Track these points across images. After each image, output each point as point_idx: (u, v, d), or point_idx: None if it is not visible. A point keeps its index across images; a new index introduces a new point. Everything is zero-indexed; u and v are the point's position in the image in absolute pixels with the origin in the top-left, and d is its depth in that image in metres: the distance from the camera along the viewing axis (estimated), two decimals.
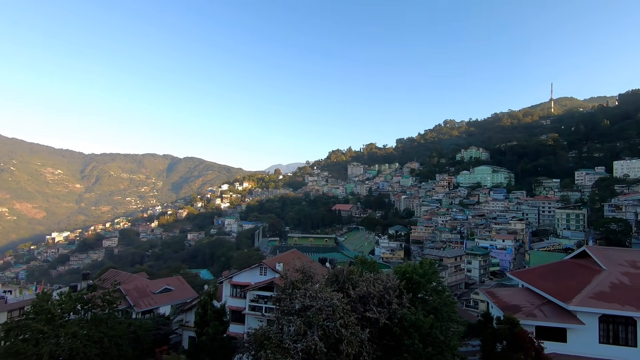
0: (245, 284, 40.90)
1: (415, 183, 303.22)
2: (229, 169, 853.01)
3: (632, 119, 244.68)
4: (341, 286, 24.70)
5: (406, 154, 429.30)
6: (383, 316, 22.10)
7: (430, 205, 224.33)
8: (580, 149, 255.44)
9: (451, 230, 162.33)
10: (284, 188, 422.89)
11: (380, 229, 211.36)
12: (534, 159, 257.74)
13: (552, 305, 27.32)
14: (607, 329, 25.34)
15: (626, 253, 33.90)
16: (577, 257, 34.62)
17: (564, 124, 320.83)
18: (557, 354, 24.52)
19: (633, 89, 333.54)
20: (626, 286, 26.80)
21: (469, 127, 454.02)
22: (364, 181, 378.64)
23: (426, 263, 28.61)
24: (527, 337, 21.31)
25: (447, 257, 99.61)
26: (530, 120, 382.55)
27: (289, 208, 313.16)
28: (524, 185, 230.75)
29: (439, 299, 25.86)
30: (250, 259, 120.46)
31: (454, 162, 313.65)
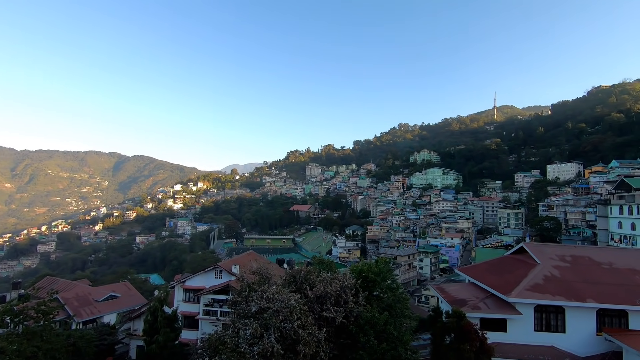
0: (200, 287, 39.45)
1: (372, 184, 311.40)
2: (182, 168, 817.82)
3: (562, 127, 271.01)
4: (299, 287, 24.69)
5: (363, 155, 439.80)
6: (340, 315, 22.42)
7: (386, 205, 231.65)
8: (519, 153, 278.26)
9: (405, 230, 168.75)
10: (241, 188, 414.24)
11: (337, 229, 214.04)
12: (480, 162, 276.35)
13: (495, 298, 29.43)
14: (541, 317, 27.81)
15: (557, 248, 37.44)
16: (516, 252, 37.65)
17: (505, 130, 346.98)
18: (499, 343, 26.44)
19: (563, 100, 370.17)
20: (557, 278, 29.61)
21: (422, 130, 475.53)
22: (322, 182, 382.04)
23: (381, 262, 29.47)
24: (473, 329, 22.72)
25: (401, 255, 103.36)
26: (476, 126, 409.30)
27: (246, 209, 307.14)
28: (470, 186, 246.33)
29: (393, 296, 26.74)
30: (205, 262, 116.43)
31: (407, 164, 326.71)
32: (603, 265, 31.52)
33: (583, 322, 27.24)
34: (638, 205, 63.15)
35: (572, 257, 32.83)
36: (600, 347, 26.69)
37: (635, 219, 63.54)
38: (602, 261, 32.15)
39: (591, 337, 27.00)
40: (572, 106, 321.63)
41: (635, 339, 24.66)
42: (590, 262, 32.01)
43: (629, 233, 65.20)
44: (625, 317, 26.90)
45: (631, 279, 29.50)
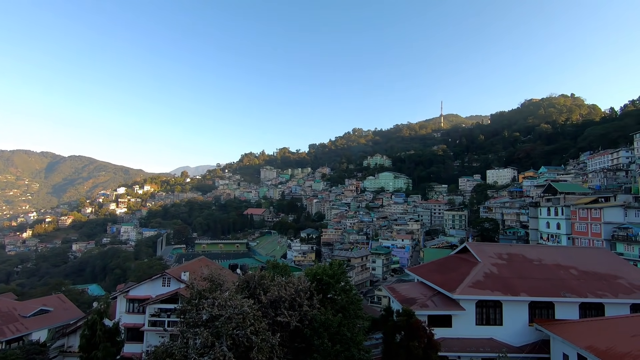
0: (145, 297, 37.14)
1: (326, 187, 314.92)
2: (127, 170, 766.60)
3: (499, 136, 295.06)
4: (252, 292, 24.20)
5: (318, 159, 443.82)
6: (294, 319, 22.30)
7: (340, 208, 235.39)
8: (463, 159, 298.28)
9: (358, 232, 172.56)
10: (192, 192, 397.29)
11: (292, 232, 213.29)
12: (428, 166, 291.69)
13: (441, 296, 31.11)
14: (481, 312, 29.88)
15: (495, 247, 40.54)
16: (460, 252, 40.15)
17: (450, 137, 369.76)
18: (445, 338, 27.97)
19: (500, 111, 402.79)
20: (495, 275, 32.04)
21: (375, 136, 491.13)
22: (277, 185, 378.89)
23: (335, 264, 29.82)
24: (421, 326, 23.79)
25: (354, 257, 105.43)
26: (425, 133, 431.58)
27: (197, 213, 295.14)
28: (419, 189, 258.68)
29: (347, 298, 27.17)
30: (152, 270, 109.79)
31: (361, 168, 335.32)
32: (534, 262, 34.71)
33: (517, 314, 29.73)
34: (562, 207, 70.49)
35: (508, 255, 35.74)
36: (532, 336, 29.31)
37: (560, 219, 70.82)
38: (533, 258, 35.39)
39: (524, 327, 29.55)
40: (508, 116, 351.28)
41: (560, 327, 27.38)
42: (523, 259, 35.07)
43: (555, 232, 72.49)
44: (552, 308, 29.81)
45: (557, 274, 32.80)
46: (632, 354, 21.11)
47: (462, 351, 27.63)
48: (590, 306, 29.72)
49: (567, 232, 68.27)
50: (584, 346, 23.73)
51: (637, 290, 30.48)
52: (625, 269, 34.74)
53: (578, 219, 65.22)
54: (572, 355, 25.16)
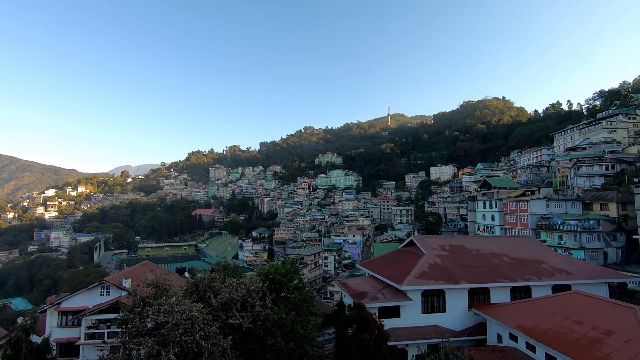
0: (81, 308, 34.15)
1: (278, 186, 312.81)
2: (57, 170, 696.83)
3: (441, 135, 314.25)
4: (202, 296, 23.31)
5: (270, 157, 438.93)
6: (246, 320, 21.89)
7: (292, 206, 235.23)
8: (409, 156, 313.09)
9: (311, 230, 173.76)
10: (134, 192, 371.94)
11: (244, 232, 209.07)
12: (377, 164, 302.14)
13: (390, 288, 32.45)
14: (427, 301, 31.69)
15: (438, 239, 43.14)
16: (407, 245, 42.16)
17: (397, 136, 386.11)
18: (394, 328, 29.22)
19: (442, 111, 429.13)
20: (439, 265, 34.13)
21: (326, 134, 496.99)
22: (227, 184, 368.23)
23: (288, 262, 29.77)
24: (372, 319, 24.61)
25: (307, 255, 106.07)
26: (374, 131, 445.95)
27: (140, 215, 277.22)
28: (369, 186, 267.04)
29: (300, 296, 27.26)
30: (88, 278, 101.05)
31: (313, 166, 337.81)
32: (472, 252, 37.54)
33: (458, 301, 31.98)
34: (496, 200, 77.06)
35: (450, 246, 38.27)
36: (471, 320, 31.72)
37: (494, 211, 77.35)
38: (471, 248, 38.26)
39: (464, 313, 31.89)
40: (449, 117, 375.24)
41: (494, 310, 29.95)
42: (463, 250, 37.78)
43: (490, 224, 79.04)
44: (488, 293, 32.49)
45: (492, 261, 35.81)
46: (553, 329, 23.76)
47: (410, 339, 29.08)
48: (519, 289, 32.87)
49: (500, 223, 74.75)
50: (515, 326, 26.22)
51: (557, 273, 34.33)
52: (547, 254, 38.92)
53: (509, 211, 71.69)
54: (505, 334, 27.68)
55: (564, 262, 37.40)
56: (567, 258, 41.54)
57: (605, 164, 78.19)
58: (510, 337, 27.11)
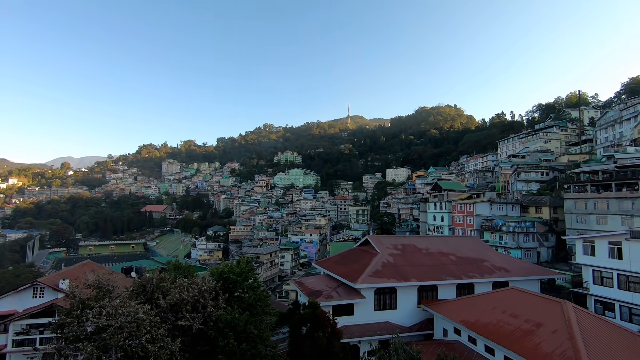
0: (9, 312, 31.02)
1: (236, 183, 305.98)
2: None
3: (398, 138, 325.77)
4: (150, 297, 22.16)
5: (227, 153, 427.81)
6: (197, 321, 21.16)
7: (250, 204, 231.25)
8: (367, 158, 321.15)
9: (268, 228, 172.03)
10: (76, 186, 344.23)
11: (198, 230, 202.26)
12: (336, 164, 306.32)
13: (345, 286, 33.05)
14: (379, 298, 32.70)
15: (392, 239, 44.74)
16: (362, 244, 43.20)
17: (356, 137, 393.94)
18: (347, 326, 29.81)
19: (399, 115, 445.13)
20: (391, 264, 35.37)
21: (286, 132, 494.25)
22: (180, 180, 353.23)
23: (243, 261, 29.21)
24: (326, 317, 24.90)
25: (263, 253, 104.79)
26: (333, 132, 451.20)
27: (82, 211, 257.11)
28: (327, 186, 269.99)
29: (255, 295, 26.85)
30: (19, 279, 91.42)
31: (271, 164, 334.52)
32: (422, 251, 39.36)
33: (409, 298, 33.38)
34: (445, 202, 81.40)
35: (402, 245, 39.81)
36: (420, 316, 33.26)
37: (443, 213, 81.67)
38: (422, 247, 40.10)
39: (414, 309, 33.35)
40: (405, 121, 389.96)
41: (441, 306, 31.65)
42: (414, 249, 39.48)
43: (439, 224, 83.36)
44: (436, 290, 34.25)
45: (440, 260, 37.80)
46: (492, 323, 25.63)
47: (362, 336, 29.85)
48: (464, 286, 35.05)
49: (448, 224, 79.10)
50: (459, 320, 27.90)
51: (497, 271, 37.07)
52: (489, 253, 41.88)
53: (457, 212, 76.10)
54: (450, 329, 29.35)
55: (503, 260, 40.49)
56: (506, 257, 45.01)
57: (541, 171, 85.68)
58: (454, 331, 28.80)
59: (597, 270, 35.19)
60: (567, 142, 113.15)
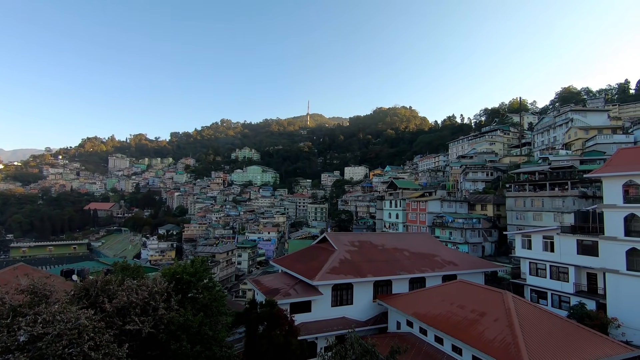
0: None
1: (190, 180, 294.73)
2: None
3: (356, 137, 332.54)
4: (93, 301, 20.66)
5: (181, 149, 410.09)
6: (147, 325, 20.08)
7: (205, 202, 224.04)
8: (326, 156, 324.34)
9: (224, 227, 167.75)
10: (7, 182, 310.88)
11: (149, 229, 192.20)
12: (295, 162, 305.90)
13: (303, 284, 33.16)
14: (336, 295, 33.23)
15: (349, 236, 45.62)
16: (320, 242, 43.54)
17: (315, 135, 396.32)
18: (304, 323, 29.96)
19: (357, 115, 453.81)
20: (348, 260, 36.06)
21: (244, 128, 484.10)
22: (130, 176, 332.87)
23: (198, 261, 28.19)
24: (283, 315, 24.84)
25: (219, 252, 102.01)
26: (293, 129, 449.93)
27: (14, 208, 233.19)
28: (286, 184, 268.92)
29: (210, 295, 26.04)
30: None
31: (229, 161, 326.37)
32: (378, 247, 40.57)
33: (365, 293, 34.28)
34: (400, 200, 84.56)
35: (359, 242, 40.75)
36: (375, 310, 34.29)
37: (398, 210, 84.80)
38: (377, 244, 41.32)
39: (369, 304, 34.32)
40: (363, 121, 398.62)
41: (394, 300, 32.86)
42: (371, 245, 40.58)
43: (394, 221, 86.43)
44: (390, 285, 35.50)
45: (394, 256, 39.21)
46: (441, 314, 27.10)
47: (319, 332, 30.16)
48: (416, 280, 36.67)
49: (403, 221, 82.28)
50: (411, 313, 29.17)
51: (447, 265, 39.22)
52: (440, 248, 44.20)
53: (411, 210, 79.38)
54: (403, 321, 30.59)
55: (452, 255, 42.95)
56: (454, 251, 47.78)
57: (486, 171, 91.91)
58: (407, 323, 30.06)
59: (533, 262, 38.51)
60: (509, 145, 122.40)
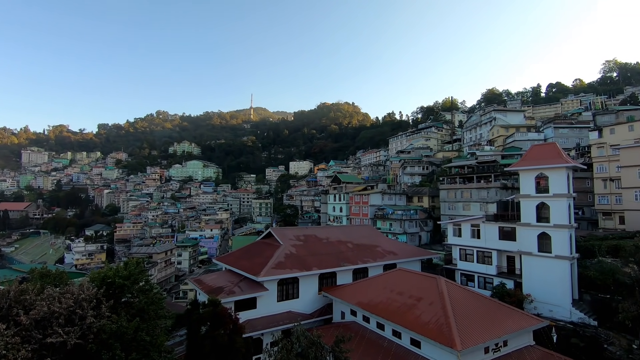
0: None
1: (123, 176, 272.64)
2: None
3: (300, 132, 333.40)
4: (5, 314, 18.25)
5: (111, 142, 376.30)
6: (73, 336, 18.27)
7: (140, 199, 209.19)
8: (270, 150, 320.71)
9: (162, 225, 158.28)
10: None
11: (74, 230, 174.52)
12: (238, 156, 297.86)
13: (248, 280, 32.62)
14: (282, 289, 33.25)
15: (294, 230, 45.80)
16: (265, 237, 43.15)
17: (259, 129, 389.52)
18: (250, 320, 29.56)
19: (301, 110, 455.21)
20: (294, 255, 36.23)
21: (183, 121, 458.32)
22: (49, 172, 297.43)
23: (132, 263, 26.24)
24: (227, 313, 24.21)
25: (157, 252, 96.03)
26: (236, 123, 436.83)
27: None
28: (229, 179, 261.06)
29: (146, 299, 24.45)
30: None
31: (166, 155, 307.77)
32: (323, 240, 41.32)
33: (310, 286, 34.75)
34: (344, 194, 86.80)
35: (304, 236, 41.13)
36: (321, 302, 34.96)
37: (342, 204, 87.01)
38: (322, 237, 42.07)
39: (315, 296, 34.89)
40: (307, 115, 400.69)
41: (339, 291, 33.81)
42: (316, 239, 41.18)
43: (338, 214, 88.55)
44: (335, 277, 36.41)
45: (338, 248, 40.25)
46: (382, 301, 28.51)
47: (265, 328, 29.98)
48: (360, 271, 38.08)
49: (347, 214, 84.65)
50: (354, 302, 30.26)
51: (387, 254, 41.27)
52: (381, 239, 46.33)
53: (354, 203, 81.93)
54: (347, 311, 31.62)
55: (392, 245, 45.31)
56: (394, 242, 50.44)
57: (422, 165, 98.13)
58: (351, 312, 31.14)
59: (463, 248, 42.13)
60: (442, 141, 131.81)
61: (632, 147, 45.30)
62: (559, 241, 32.75)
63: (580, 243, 37.70)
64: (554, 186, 33.54)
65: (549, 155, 34.75)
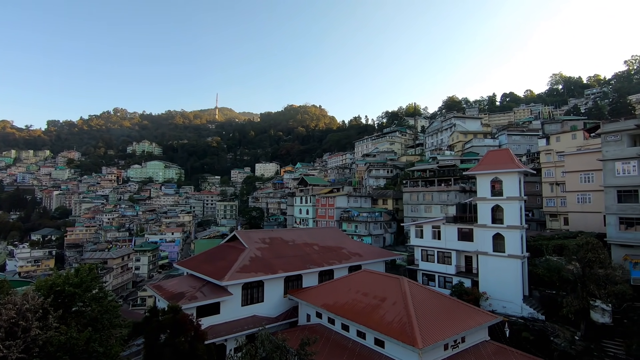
0: None
1: (75, 176, 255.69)
2: None
3: (267, 133, 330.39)
4: None
5: (63, 140, 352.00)
6: (15, 350, 16.81)
7: (94, 201, 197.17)
8: (236, 152, 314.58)
9: (119, 228, 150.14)
10: None
11: (17, 235, 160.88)
12: (202, 157, 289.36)
13: (211, 285, 31.65)
14: (247, 293, 32.59)
15: (260, 233, 45.10)
16: (230, 240, 42.14)
17: (225, 130, 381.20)
18: (213, 325, 28.69)
19: (268, 111, 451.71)
20: (259, 258, 35.68)
21: (143, 120, 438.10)
22: None
23: (84, 269, 24.61)
24: (188, 320, 23.33)
25: (112, 257, 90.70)
26: (200, 123, 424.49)
27: None
28: (192, 180, 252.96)
29: (99, 307, 23.02)
30: None
31: (124, 155, 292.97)
32: (289, 243, 41.07)
33: (275, 289, 34.36)
34: (310, 196, 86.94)
35: (270, 238, 40.66)
36: (286, 305, 34.67)
37: (308, 206, 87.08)
38: (288, 239, 41.81)
39: (280, 300, 34.55)
40: (274, 117, 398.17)
41: (304, 294, 33.72)
42: (281, 242, 40.84)
43: (305, 217, 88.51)
44: (300, 279, 36.28)
45: (305, 250, 40.18)
46: (348, 303, 28.77)
47: (229, 333, 29.22)
48: (325, 273, 38.21)
49: (313, 216, 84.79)
50: (320, 305, 30.30)
51: (352, 256, 41.79)
52: (346, 241, 46.86)
53: (320, 205, 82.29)
54: (313, 313, 31.60)
55: (357, 246, 45.97)
56: (359, 243, 51.21)
57: (387, 168, 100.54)
58: (316, 315, 31.14)
59: (424, 249, 43.60)
60: (406, 145, 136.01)
61: (575, 154, 49.23)
62: (511, 241, 34.83)
63: (530, 243, 40.29)
64: (507, 189, 35.66)
65: (503, 160, 36.93)
